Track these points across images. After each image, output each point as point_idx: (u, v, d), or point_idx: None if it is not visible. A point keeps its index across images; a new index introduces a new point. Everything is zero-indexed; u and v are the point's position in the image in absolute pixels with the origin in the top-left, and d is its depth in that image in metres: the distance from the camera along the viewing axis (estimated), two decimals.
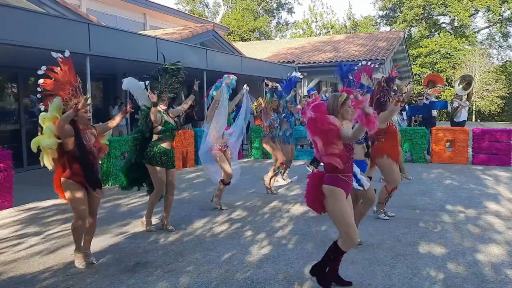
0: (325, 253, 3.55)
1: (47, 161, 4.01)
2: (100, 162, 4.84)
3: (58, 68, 4.01)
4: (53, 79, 3.98)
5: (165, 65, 5.10)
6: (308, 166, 8.46)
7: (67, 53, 4.10)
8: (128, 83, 5.20)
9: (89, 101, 4.29)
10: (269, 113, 7.09)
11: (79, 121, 3.96)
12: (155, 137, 5.01)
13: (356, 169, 4.13)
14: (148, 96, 4.95)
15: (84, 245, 4.18)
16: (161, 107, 5.06)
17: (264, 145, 7.23)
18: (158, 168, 5.00)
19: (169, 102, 5.38)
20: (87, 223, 4.07)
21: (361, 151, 4.46)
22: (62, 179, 3.98)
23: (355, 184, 4.06)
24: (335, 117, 3.36)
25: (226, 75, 6.18)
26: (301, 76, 8.31)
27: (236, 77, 6.24)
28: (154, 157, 4.98)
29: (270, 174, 7.20)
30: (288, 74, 8.07)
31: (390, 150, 5.33)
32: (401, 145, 8.83)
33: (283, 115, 7.48)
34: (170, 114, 5.24)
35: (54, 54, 4.04)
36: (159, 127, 4.98)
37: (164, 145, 5.05)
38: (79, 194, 3.96)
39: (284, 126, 7.59)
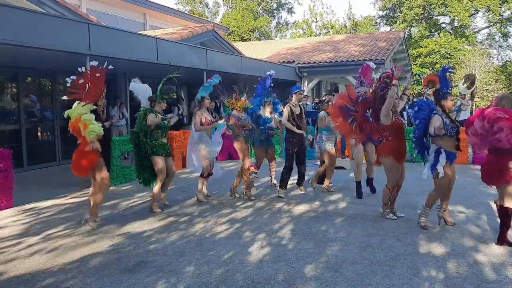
0: (501, 223, 4.58)
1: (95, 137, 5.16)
2: None
3: (90, 76, 5.47)
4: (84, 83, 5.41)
5: (169, 75, 6.31)
6: (310, 183, 7.66)
7: (94, 63, 5.56)
8: (135, 86, 6.41)
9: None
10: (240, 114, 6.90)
11: (102, 118, 5.60)
12: (154, 133, 6.10)
13: (442, 160, 4.86)
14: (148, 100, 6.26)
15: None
16: (159, 108, 6.23)
17: (235, 144, 7.00)
18: (159, 157, 6.12)
19: (171, 102, 6.48)
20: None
21: (453, 144, 4.97)
22: (98, 158, 5.25)
23: (425, 172, 5.07)
24: None
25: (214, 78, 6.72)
26: (273, 72, 7.61)
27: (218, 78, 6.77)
28: (156, 149, 6.10)
29: (245, 179, 6.94)
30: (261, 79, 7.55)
31: (396, 150, 5.37)
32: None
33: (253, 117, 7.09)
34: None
35: (93, 63, 5.54)
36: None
37: (162, 139, 6.20)
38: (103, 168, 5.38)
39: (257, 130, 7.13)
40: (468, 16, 33.89)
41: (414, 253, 4.34)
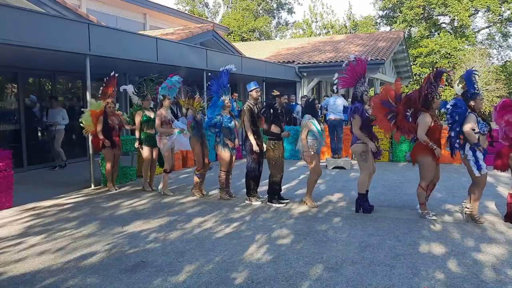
0: None
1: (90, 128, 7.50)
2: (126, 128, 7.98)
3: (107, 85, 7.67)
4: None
5: (150, 76, 7.69)
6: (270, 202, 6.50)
7: (112, 73, 7.65)
8: (126, 87, 8.58)
9: (115, 105, 7.82)
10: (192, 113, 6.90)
11: (108, 111, 7.41)
12: (142, 126, 7.39)
13: (481, 156, 5.15)
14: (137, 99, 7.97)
15: (112, 180, 7.68)
16: (145, 105, 7.50)
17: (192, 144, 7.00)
18: (145, 147, 7.45)
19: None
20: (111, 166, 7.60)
21: (485, 141, 5.26)
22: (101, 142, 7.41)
23: (475, 171, 5.16)
24: None
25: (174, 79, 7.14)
26: (232, 67, 6.62)
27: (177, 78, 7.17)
28: (143, 140, 7.43)
29: (195, 179, 7.08)
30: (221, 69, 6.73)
31: (432, 150, 5.35)
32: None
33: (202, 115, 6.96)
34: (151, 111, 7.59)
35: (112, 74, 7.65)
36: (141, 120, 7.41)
37: (148, 131, 7.37)
38: (108, 149, 7.41)
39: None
40: (468, 16, 33.88)
41: (414, 253, 4.34)
